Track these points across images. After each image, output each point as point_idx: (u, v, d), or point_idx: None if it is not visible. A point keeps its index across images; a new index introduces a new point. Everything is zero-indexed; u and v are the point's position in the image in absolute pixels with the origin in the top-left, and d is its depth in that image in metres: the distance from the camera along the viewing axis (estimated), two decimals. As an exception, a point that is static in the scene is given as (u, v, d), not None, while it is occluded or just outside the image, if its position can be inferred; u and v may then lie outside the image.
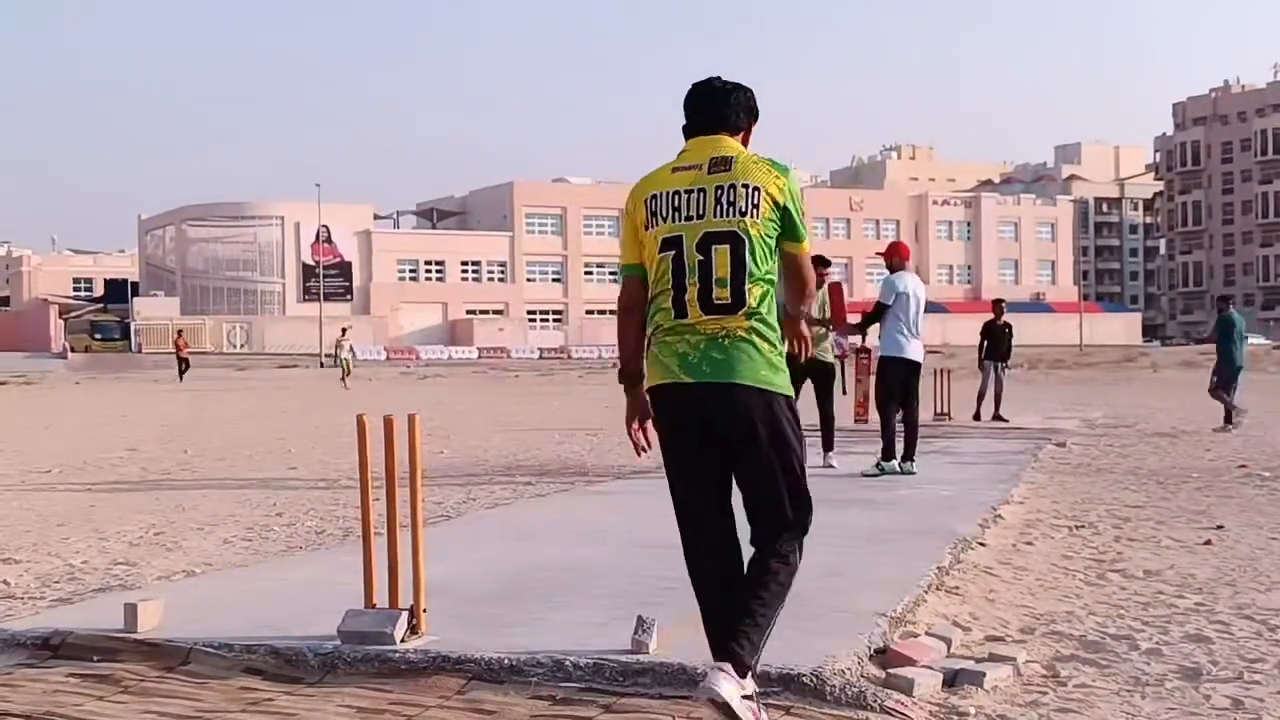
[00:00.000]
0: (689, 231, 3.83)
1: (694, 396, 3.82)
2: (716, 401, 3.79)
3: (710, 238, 3.81)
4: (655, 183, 3.94)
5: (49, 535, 8.48)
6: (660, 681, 4.17)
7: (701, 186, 3.85)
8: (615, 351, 4.17)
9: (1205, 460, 13.07)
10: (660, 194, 3.90)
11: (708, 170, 3.86)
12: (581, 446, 15.67)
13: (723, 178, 3.84)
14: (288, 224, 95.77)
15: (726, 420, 3.80)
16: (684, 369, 3.82)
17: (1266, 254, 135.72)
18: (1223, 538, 7.87)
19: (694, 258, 3.82)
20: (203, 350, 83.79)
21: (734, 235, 3.80)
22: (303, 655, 4.53)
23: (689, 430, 3.86)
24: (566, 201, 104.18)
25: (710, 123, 3.97)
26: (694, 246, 3.82)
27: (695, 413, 3.83)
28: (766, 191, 3.83)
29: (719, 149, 3.91)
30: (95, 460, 14.25)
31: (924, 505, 8.80)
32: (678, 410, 3.86)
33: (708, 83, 4.04)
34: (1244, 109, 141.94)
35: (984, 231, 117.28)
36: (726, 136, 3.95)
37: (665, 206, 3.88)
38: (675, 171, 3.92)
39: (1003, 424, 17.74)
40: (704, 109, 3.98)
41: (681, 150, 3.99)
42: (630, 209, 3.97)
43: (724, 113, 3.97)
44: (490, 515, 8.98)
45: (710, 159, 3.88)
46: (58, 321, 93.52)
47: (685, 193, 3.86)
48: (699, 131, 3.97)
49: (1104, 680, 4.55)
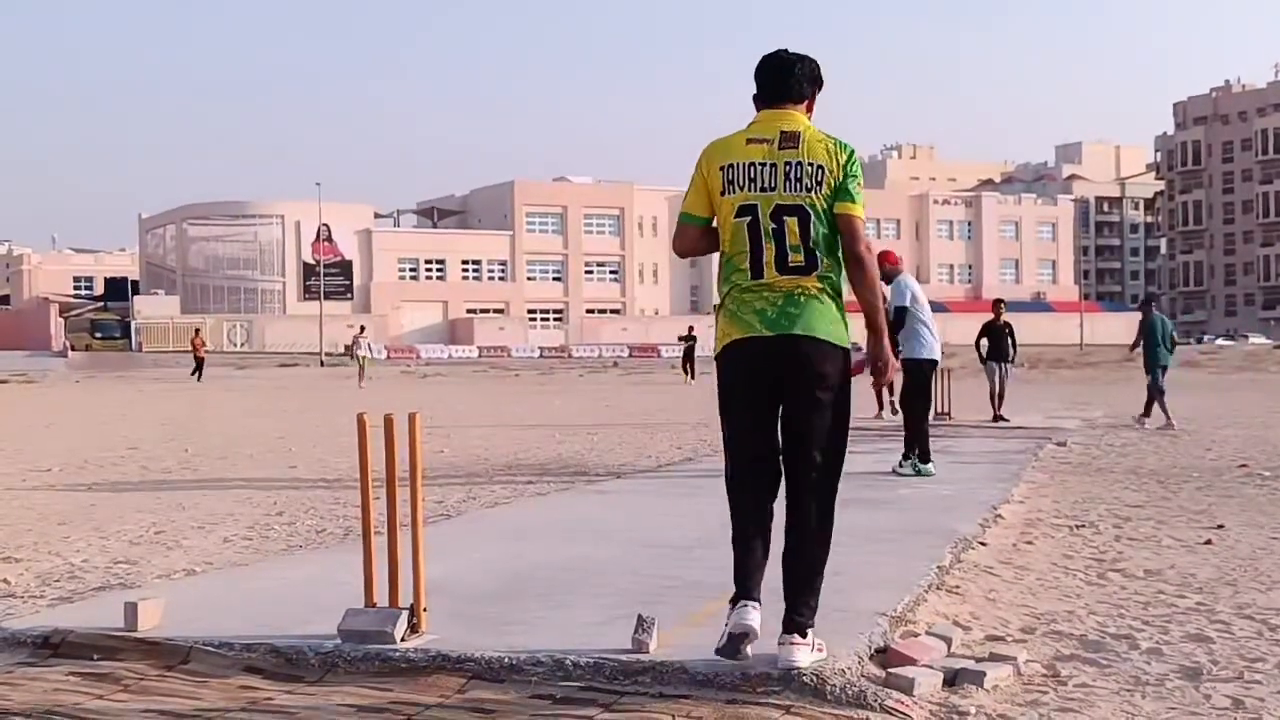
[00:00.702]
0: (763, 201, 4.24)
1: (773, 348, 4.21)
2: (791, 351, 4.20)
3: (781, 209, 4.22)
4: (731, 152, 4.30)
5: (49, 534, 8.48)
6: (660, 681, 4.17)
7: (773, 161, 4.24)
8: (614, 351, 4.33)
9: (1206, 460, 13.08)
10: (736, 164, 4.27)
11: (778, 145, 4.25)
12: (582, 445, 15.68)
13: (791, 154, 4.23)
14: (288, 223, 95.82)
15: (798, 367, 4.21)
16: (763, 323, 4.23)
17: (1267, 253, 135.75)
18: (1223, 537, 7.87)
19: (768, 225, 4.23)
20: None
21: (801, 209, 4.22)
22: (303, 654, 4.53)
23: (763, 378, 4.26)
24: (567, 200, 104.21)
25: (779, 94, 4.35)
26: (768, 215, 4.23)
27: (771, 362, 4.23)
28: (828, 169, 4.24)
29: (787, 122, 4.30)
30: (96, 459, 14.25)
31: (924, 504, 8.80)
32: (754, 360, 4.25)
33: (776, 55, 4.40)
34: (1245, 109, 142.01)
35: (985, 231, 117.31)
36: (793, 110, 4.34)
37: (741, 176, 4.25)
38: (749, 143, 4.28)
39: (1003, 424, 17.72)
40: (772, 81, 4.36)
41: (752, 121, 4.37)
42: (705, 169, 4.34)
43: (790, 84, 4.35)
44: (490, 514, 8.98)
45: (780, 132, 4.27)
46: (58, 320, 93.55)
47: (759, 165, 4.25)
48: (768, 102, 4.36)
49: (1104, 680, 4.55)
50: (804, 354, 4.20)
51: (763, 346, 4.22)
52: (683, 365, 43.02)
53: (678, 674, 4.18)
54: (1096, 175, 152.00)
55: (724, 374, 4.36)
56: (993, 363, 19.01)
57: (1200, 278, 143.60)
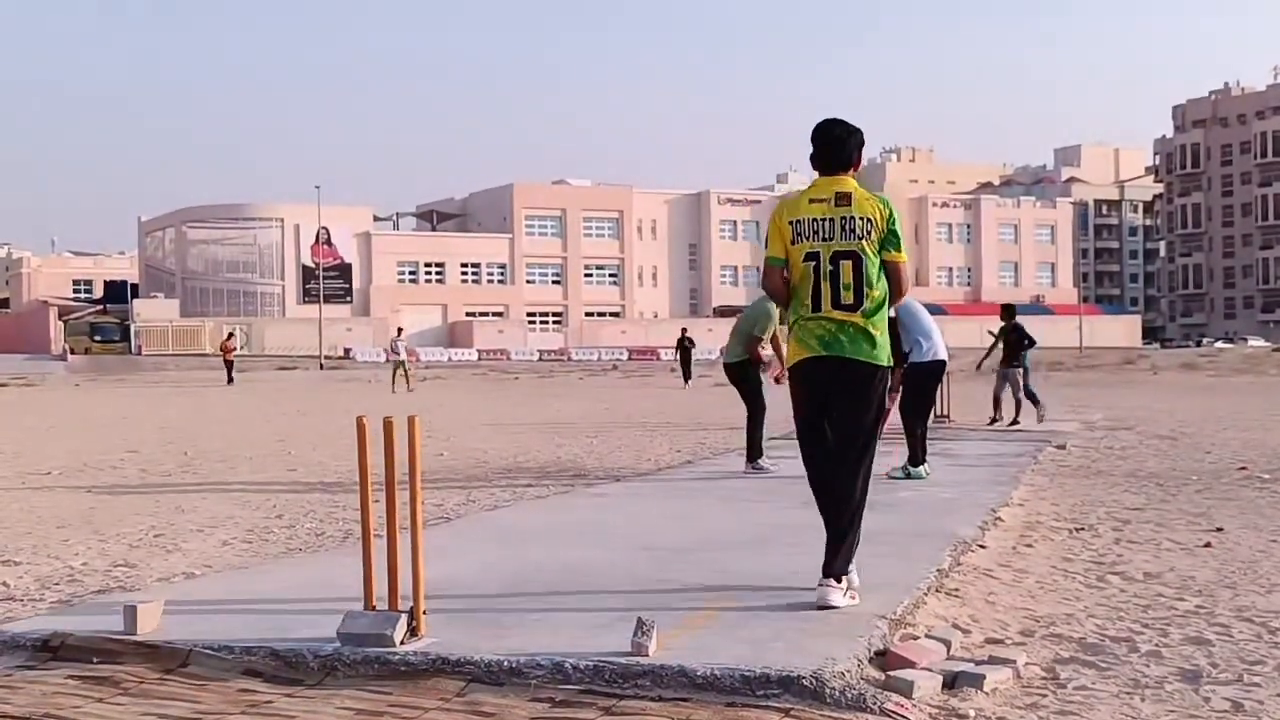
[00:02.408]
0: (824, 249, 5.44)
1: (827, 365, 5.47)
2: (841, 369, 5.45)
3: (839, 255, 5.43)
4: (798, 210, 5.54)
5: (49, 537, 8.48)
6: (660, 684, 4.17)
7: (830, 217, 5.45)
8: (614, 354, 4.55)
9: (1205, 463, 13.07)
10: (803, 219, 5.50)
11: (834, 203, 5.46)
12: (581, 449, 15.67)
13: (844, 211, 5.45)
14: (287, 226, 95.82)
15: (844, 381, 5.46)
16: (821, 346, 5.47)
17: (1266, 256, 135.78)
18: (1222, 540, 7.87)
19: (827, 269, 5.44)
20: (202, 352, 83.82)
21: (854, 254, 5.42)
22: (302, 657, 4.53)
23: (820, 386, 5.52)
24: (566, 203, 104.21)
25: (833, 164, 5.54)
26: (827, 260, 5.43)
27: (826, 375, 5.48)
28: (875, 221, 5.44)
29: (841, 186, 5.50)
30: (95, 462, 14.25)
31: (924, 507, 8.80)
32: (814, 373, 5.52)
33: (832, 130, 5.57)
34: (1244, 111, 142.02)
35: (984, 234, 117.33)
36: (845, 176, 5.53)
37: (807, 229, 5.48)
38: (811, 202, 5.51)
39: (1007, 427, 17.71)
40: (828, 153, 5.55)
41: (813, 183, 5.60)
42: (779, 222, 5.56)
43: (843, 155, 5.55)
44: (490, 517, 8.97)
45: (835, 194, 5.48)
46: (57, 323, 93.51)
47: (820, 220, 5.46)
48: (826, 169, 5.55)
49: (1104, 683, 4.55)
50: (849, 371, 5.45)
51: (820, 364, 5.48)
52: (680, 368, 42.86)
53: (677, 677, 4.18)
54: (1096, 178, 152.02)
55: (794, 383, 5.64)
56: (1002, 369, 18.92)
57: (1199, 280, 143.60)
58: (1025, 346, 18.95)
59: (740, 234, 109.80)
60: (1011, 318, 19.24)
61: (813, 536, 7.41)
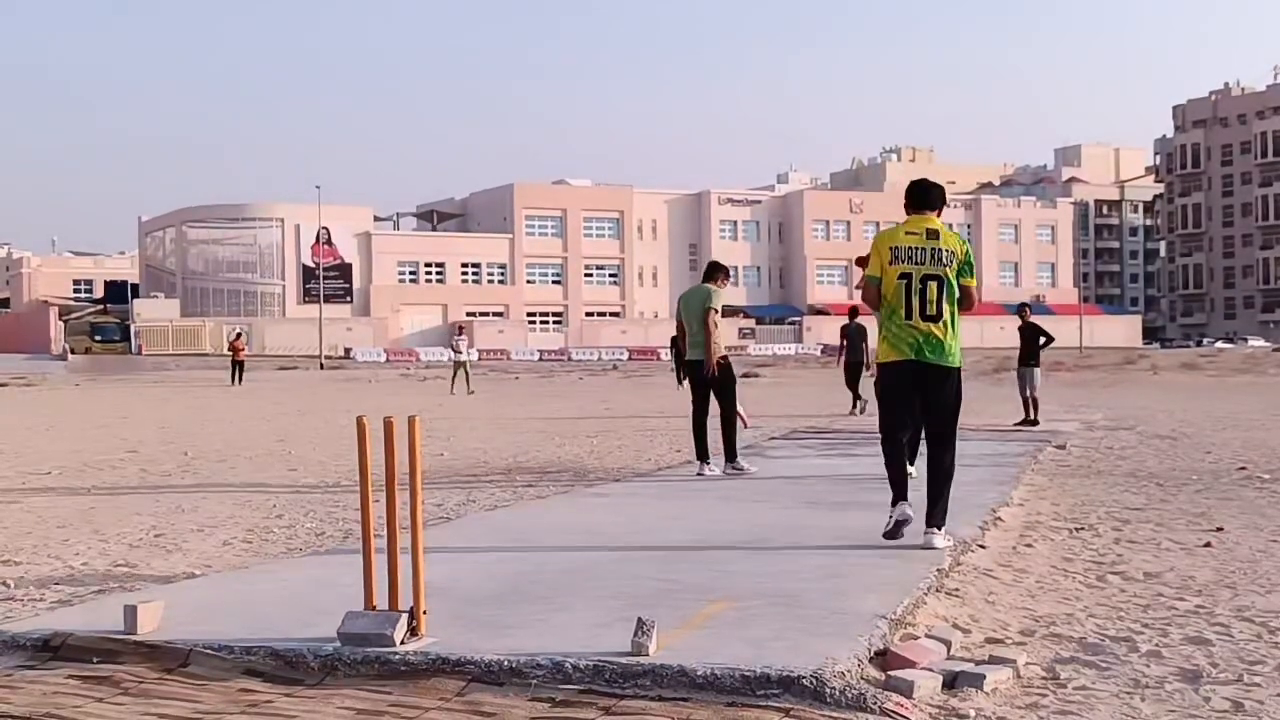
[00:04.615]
0: (916, 271, 6.91)
1: (916, 367, 6.92)
2: (928, 371, 6.91)
3: (928, 277, 6.90)
4: (896, 238, 7.00)
5: (49, 537, 8.48)
6: (660, 683, 4.17)
7: (924, 247, 6.94)
8: (614, 354, 4.55)
9: (1205, 462, 13.07)
10: (900, 247, 6.96)
11: (925, 238, 6.97)
12: (581, 449, 15.67)
13: (933, 243, 6.95)
14: (288, 226, 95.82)
15: (930, 381, 6.94)
16: (913, 350, 6.91)
17: (1266, 256, 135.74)
18: (1223, 540, 7.87)
19: (917, 287, 6.89)
20: (202, 352, 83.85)
21: (939, 277, 6.91)
22: (302, 657, 4.53)
23: (908, 384, 6.98)
24: (566, 204, 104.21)
25: (925, 205, 7.11)
26: (918, 280, 6.89)
27: (915, 376, 6.93)
28: (955, 253, 6.97)
29: (930, 224, 7.04)
30: (95, 462, 14.25)
31: (924, 507, 8.77)
32: (903, 374, 6.97)
33: (924, 183, 7.20)
34: (1244, 111, 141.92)
35: (984, 233, 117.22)
36: (931, 215, 7.10)
37: (903, 255, 6.94)
38: (907, 234, 6.99)
39: (1015, 426, 17.88)
40: (922, 199, 7.11)
41: (909, 219, 7.10)
42: (879, 247, 7.03)
43: (931, 200, 7.14)
44: (490, 517, 8.97)
45: (926, 229, 7.00)
46: (58, 323, 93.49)
47: (914, 248, 6.94)
48: (917, 210, 7.10)
49: (1104, 682, 4.55)
50: (934, 373, 6.92)
51: (911, 366, 6.92)
52: (676, 370, 42.61)
53: (677, 677, 4.18)
54: (1096, 178, 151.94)
55: (885, 378, 7.13)
56: (1021, 367, 19.33)
57: (1199, 280, 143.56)
58: (1041, 345, 19.34)
59: (740, 234, 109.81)
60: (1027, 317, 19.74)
61: (813, 536, 7.42)
